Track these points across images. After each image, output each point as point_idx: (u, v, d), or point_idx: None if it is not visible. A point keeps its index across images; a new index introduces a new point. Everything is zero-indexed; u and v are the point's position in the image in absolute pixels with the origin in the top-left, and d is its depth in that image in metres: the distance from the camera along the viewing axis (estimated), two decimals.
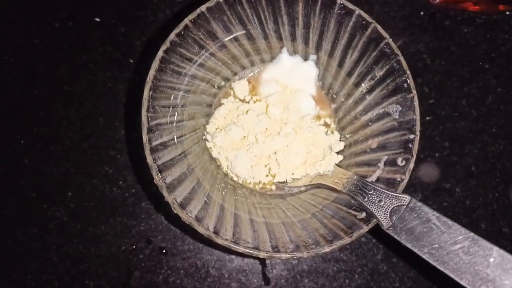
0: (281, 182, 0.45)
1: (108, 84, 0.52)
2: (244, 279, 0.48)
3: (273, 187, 0.45)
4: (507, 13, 0.54)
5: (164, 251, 0.49)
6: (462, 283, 0.32)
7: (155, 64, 0.37)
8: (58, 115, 0.52)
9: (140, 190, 0.50)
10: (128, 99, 0.52)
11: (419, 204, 0.35)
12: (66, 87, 0.52)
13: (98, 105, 0.52)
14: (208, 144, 0.44)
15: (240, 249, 0.35)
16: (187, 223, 0.35)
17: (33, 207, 0.50)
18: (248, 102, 0.46)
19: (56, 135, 0.51)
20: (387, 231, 0.35)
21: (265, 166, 0.44)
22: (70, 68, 0.53)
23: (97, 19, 0.54)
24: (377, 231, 0.36)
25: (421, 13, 0.54)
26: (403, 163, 0.38)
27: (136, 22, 0.54)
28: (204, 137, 0.45)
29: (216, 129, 0.45)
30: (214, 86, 0.46)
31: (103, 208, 0.49)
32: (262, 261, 0.49)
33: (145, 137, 0.36)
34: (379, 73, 0.40)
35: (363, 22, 0.39)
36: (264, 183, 0.45)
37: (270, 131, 0.44)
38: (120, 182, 0.50)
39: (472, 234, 0.33)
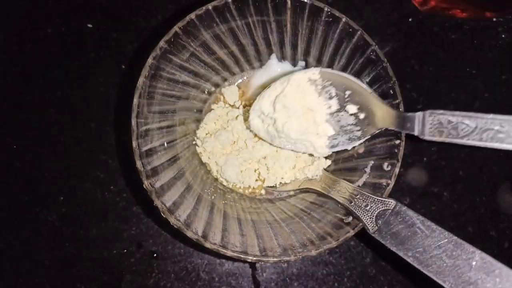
0: (271, 187, 0.45)
1: (100, 89, 0.53)
2: (234, 283, 0.49)
3: (263, 192, 0.46)
4: (494, 19, 0.55)
5: (155, 255, 0.49)
6: (445, 286, 0.32)
7: (145, 71, 0.38)
8: (50, 120, 0.52)
9: (131, 194, 0.50)
10: (120, 104, 0.52)
11: (404, 208, 0.36)
12: (59, 92, 0.53)
13: (90, 110, 0.52)
14: (198, 149, 0.45)
15: (229, 253, 0.35)
16: (176, 227, 0.36)
17: (25, 211, 0.50)
18: (238, 108, 0.47)
19: (48, 139, 0.52)
20: (373, 235, 0.36)
21: (255, 171, 0.45)
22: (62, 73, 0.53)
23: (89, 25, 0.54)
24: (365, 235, 0.37)
25: (409, 19, 0.55)
26: (389, 168, 0.39)
27: (128, 27, 0.54)
28: (194, 142, 0.45)
29: (206, 134, 0.45)
30: (204, 92, 0.46)
31: (94, 212, 0.50)
32: (252, 265, 0.49)
33: (134, 143, 0.36)
34: (365, 79, 0.41)
35: (350, 30, 0.40)
36: (253, 188, 0.45)
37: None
38: (112, 187, 0.50)
39: (455, 237, 0.33)
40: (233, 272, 0.49)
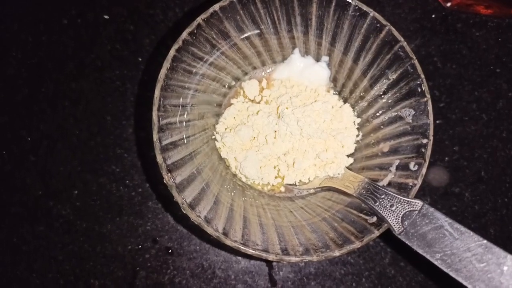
0: (290, 184, 0.44)
1: (116, 82, 0.52)
2: (251, 281, 0.48)
3: (282, 189, 0.45)
4: None
5: (170, 251, 0.48)
6: None
7: (166, 63, 0.37)
8: (65, 113, 0.51)
9: (147, 189, 0.49)
10: (136, 98, 0.51)
11: (432, 209, 0.34)
12: (74, 84, 0.52)
13: (105, 103, 0.51)
14: (217, 144, 0.44)
15: (249, 251, 0.35)
16: (196, 223, 0.35)
17: (39, 204, 0.49)
18: (258, 103, 0.46)
19: (63, 132, 0.51)
20: (399, 236, 0.35)
21: (274, 167, 0.44)
22: (78, 66, 0.53)
23: (106, 17, 0.54)
24: (385, 235, 0.36)
25: (433, 16, 0.54)
26: (416, 168, 0.38)
27: (146, 20, 0.53)
28: (213, 137, 0.44)
29: (226, 129, 0.44)
30: (224, 86, 0.45)
31: (109, 207, 0.49)
32: (269, 263, 0.48)
33: (155, 136, 0.35)
34: (392, 76, 0.40)
35: (378, 25, 0.39)
36: (273, 185, 0.45)
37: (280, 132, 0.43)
38: (127, 181, 0.50)
39: (485, 241, 0.32)
40: (249, 270, 0.48)
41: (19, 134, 0.51)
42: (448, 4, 0.53)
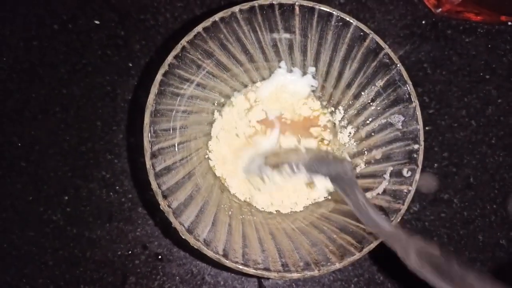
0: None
1: (106, 88, 0.52)
2: (240, 287, 0.48)
3: None
4: (509, 23, 0.54)
5: (160, 257, 0.48)
6: None
7: (154, 88, 0.36)
8: (56, 118, 0.51)
9: (137, 195, 0.49)
10: (127, 104, 0.51)
11: None
12: (64, 90, 0.52)
13: (96, 109, 0.52)
14: (211, 163, 0.44)
15: (251, 271, 0.35)
16: (196, 247, 0.35)
17: (29, 210, 0.49)
18: (249, 121, 0.46)
19: (53, 138, 0.51)
20: None
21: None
22: (68, 71, 0.53)
23: (96, 22, 0.54)
24: None
25: (423, 22, 0.54)
26: (409, 174, 0.38)
27: (136, 25, 0.53)
28: (206, 156, 0.44)
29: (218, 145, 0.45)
30: (213, 104, 0.45)
31: (99, 213, 0.49)
32: None
33: (148, 163, 0.35)
34: (379, 83, 0.40)
35: (361, 33, 0.39)
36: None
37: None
38: (117, 187, 0.50)
39: None
40: (239, 276, 0.48)
41: (10, 139, 0.51)
42: (438, 11, 0.53)
